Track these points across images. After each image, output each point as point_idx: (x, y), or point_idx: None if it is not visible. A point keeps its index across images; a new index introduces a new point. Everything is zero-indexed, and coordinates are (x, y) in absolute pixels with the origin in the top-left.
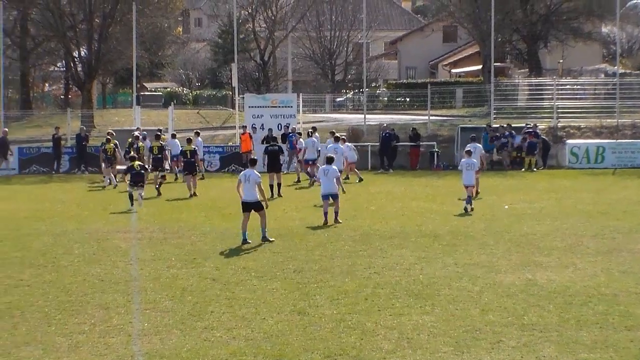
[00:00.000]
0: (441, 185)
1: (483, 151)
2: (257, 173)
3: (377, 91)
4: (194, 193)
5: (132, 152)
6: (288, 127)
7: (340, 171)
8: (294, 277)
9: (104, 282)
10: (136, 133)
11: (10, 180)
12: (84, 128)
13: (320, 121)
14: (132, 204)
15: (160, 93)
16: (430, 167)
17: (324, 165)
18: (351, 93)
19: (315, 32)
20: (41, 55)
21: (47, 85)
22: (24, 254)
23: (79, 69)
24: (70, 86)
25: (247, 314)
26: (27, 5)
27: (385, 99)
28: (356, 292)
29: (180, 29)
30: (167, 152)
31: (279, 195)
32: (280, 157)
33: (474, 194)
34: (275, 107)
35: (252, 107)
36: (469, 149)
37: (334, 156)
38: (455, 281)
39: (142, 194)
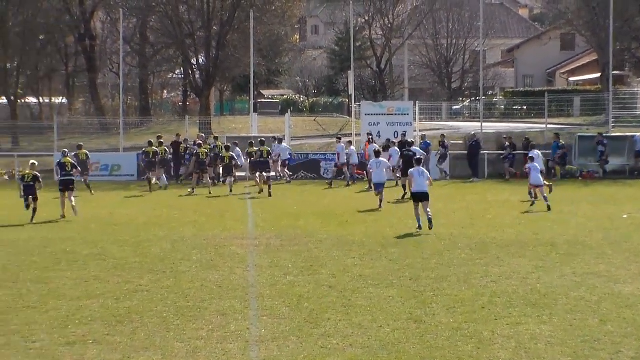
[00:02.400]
0: (558, 194)
1: (541, 157)
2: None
3: (494, 99)
4: (264, 191)
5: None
6: (405, 135)
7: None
8: (410, 285)
9: (222, 288)
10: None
11: (129, 187)
12: (203, 135)
13: (436, 129)
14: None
15: (277, 100)
16: (547, 175)
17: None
18: (468, 101)
19: (432, 39)
20: (160, 62)
21: (165, 92)
22: (143, 259)
23: (197, 76)
24: (189, 93)
25: (363, 321)
26: (146, 13)
27: (502, 107)
28: (473, 300)
29: (297, 37)
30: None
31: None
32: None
33: (549, 190)
34: (392, 114)
35: (369, 114)
36: (531, 155)
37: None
38: (573, 291)
39: (205, 181)
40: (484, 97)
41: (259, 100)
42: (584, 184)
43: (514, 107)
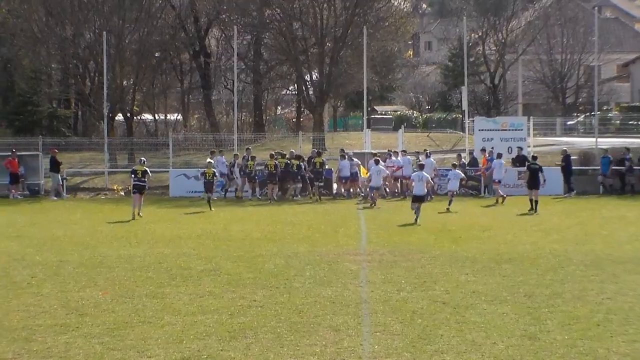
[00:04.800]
0: None
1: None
2: (426, 174)
3: (609, 114)
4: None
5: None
6: (521, 149)
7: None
8: (524, 302)
9: (335, 304)
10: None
11: (244, 203)
12: (315, 150)
13: (550, 144)
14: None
15: (391, 116)
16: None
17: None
18: (582, 116)
19: (546, 55)
20: (273, 79)
21: (279, 108)
22: (257, 275)
23: (311, 92)
24: (302, 109)
25: (477, 338)
26: (260, 30)
27: (618, 122)
28: (588, 317)
29: (411, 52)
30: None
31: (535, 210)
32: (540, 175)
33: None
34: (505, 130)
35: (482, 130)
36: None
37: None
38: None
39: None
40: (598, 112)
41: (372, 116)
42: None
43: (630, 122)
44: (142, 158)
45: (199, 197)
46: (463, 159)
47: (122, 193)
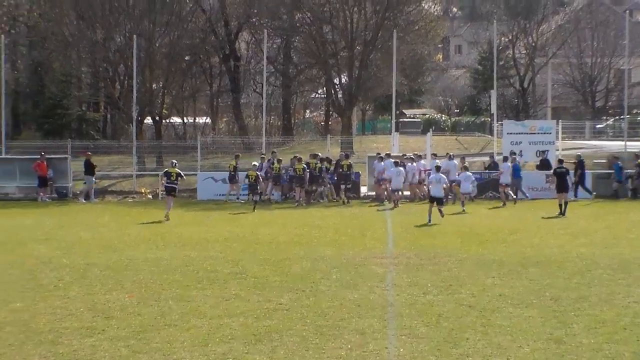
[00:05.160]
0: None
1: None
2: (444, 176)
3: (639, 118)
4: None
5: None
6: (545, 153)
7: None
8: (550, 305)
9: (361, 307)
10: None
11: (270, 207)
12: (344, 154)
13: (579, 148)
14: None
15: (419, 119)
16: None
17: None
18: (611, 120)
19: (576, 58)
20: (303, 82)
21: (307, 111)
22: (283, 278)
23: (340, 95)
24: (331, 113)
25: (503, 341)
26: (290, 33)
27: None
28: (614, 321)
29: (440, 56)
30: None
31: (563, 214)
32: (567, 178)
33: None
34: (534, 133)
35: (511, 133)
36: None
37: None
38: None
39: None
40: (628, 116)
41: (401, 120)
42: None
43: None
44: (174, 160)
45: (224, 201)
46: (466, 163)
47: (150, 196)
